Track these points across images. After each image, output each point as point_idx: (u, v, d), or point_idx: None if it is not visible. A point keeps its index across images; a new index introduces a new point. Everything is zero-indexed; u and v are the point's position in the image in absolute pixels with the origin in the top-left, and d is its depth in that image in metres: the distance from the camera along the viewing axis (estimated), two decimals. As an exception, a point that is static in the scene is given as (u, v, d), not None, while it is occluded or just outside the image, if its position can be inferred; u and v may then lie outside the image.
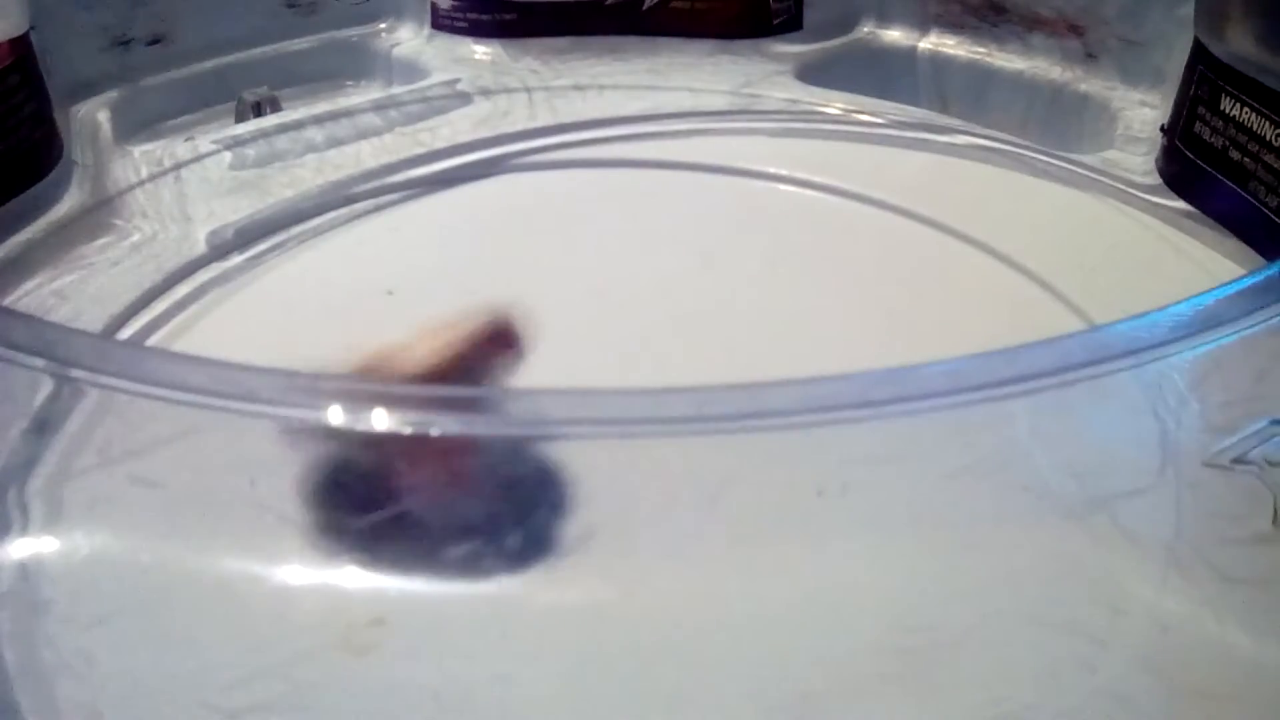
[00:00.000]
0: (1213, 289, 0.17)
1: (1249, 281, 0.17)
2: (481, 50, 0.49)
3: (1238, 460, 0.15)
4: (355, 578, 0.14)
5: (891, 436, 0.15)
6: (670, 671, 0.15)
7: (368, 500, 0.15)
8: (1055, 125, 0.44)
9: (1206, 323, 0.16)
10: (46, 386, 0.17)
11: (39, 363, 0.16)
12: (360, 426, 0.15)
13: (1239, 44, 0.34)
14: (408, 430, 0.15)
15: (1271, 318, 0.16)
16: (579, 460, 0.15)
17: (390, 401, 0.15)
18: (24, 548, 0.14)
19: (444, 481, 0.16)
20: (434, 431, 0.15)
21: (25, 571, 0.14)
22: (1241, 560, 0.15)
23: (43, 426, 0.16)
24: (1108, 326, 0.16)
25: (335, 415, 0.15)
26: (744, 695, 0.15)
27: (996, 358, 0.15)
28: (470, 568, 0.15)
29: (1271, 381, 0.16)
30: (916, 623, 0.15)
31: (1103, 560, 0.14)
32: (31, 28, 0.35)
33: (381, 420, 0.15)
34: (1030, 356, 0.15)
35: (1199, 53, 0.36)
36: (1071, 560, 0.14)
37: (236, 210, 0.35)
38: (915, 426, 0.15)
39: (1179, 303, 0.17)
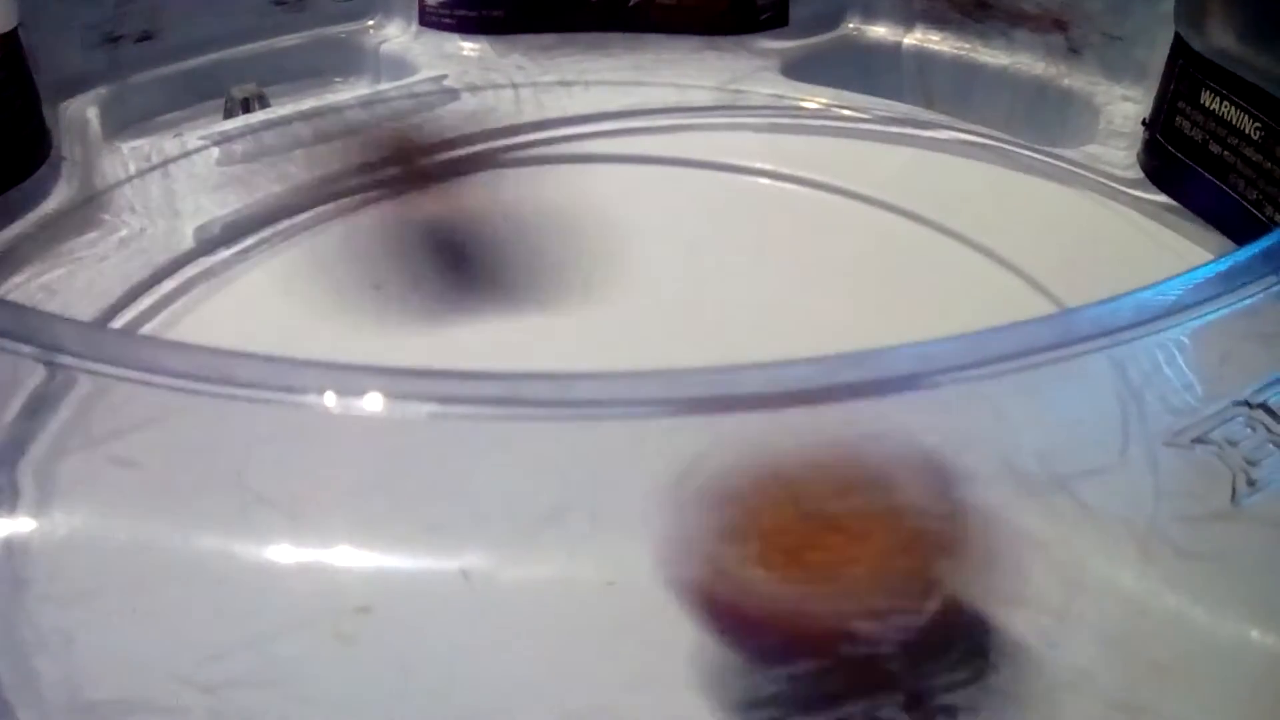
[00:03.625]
0: (1178, 274, 0.17)
1: (1214, 267, 0.18)
2: (469, 47, 0.49)
3: (1199, 440, 0.15)
4: (339, 556, 0.15)
5: (857, 418, 0.15)
6: (643, 647, 0.15)
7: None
8: (1039, 120, 0.44)
9: (1172, 307, 0.17)
10: (36, 373, 0.17)
11: (27, 349, 0.17)
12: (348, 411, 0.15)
13: (1219, 39, 0.34)
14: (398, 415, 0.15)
15: (1235, 302, 0.17)
16: (554, 440, 0.16)
17: (382, 385, 0.15)
18: (3, 527, 0.15)
19: None
20: (424, 412, 0.16)
21: (5, 550, 0.14)
22: (1200, 537, 0.15)
23: (30, 412, 0.17)
24: (1074, 310, 0.16)
25: (329, 400, 0.15)
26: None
27: (964, 341, 0.16)
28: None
29: (1234, 364, 0.16)
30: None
31: (1063, 538, 0.15)
32: (20, 24, 0.36)
33: (374, 403, 0.15)
34: (997, 339, 0.16)
35: (1180, 47, 0.36)
36: (1032, 538, 0.15)
37: (224, 205, 0.35)
38: (882, 408, 0.15)
39: (1145, 288, 0.17)
